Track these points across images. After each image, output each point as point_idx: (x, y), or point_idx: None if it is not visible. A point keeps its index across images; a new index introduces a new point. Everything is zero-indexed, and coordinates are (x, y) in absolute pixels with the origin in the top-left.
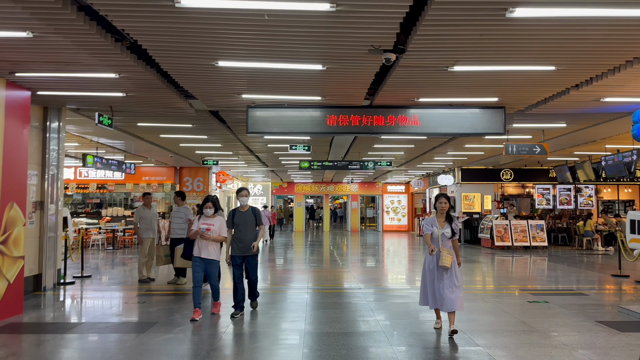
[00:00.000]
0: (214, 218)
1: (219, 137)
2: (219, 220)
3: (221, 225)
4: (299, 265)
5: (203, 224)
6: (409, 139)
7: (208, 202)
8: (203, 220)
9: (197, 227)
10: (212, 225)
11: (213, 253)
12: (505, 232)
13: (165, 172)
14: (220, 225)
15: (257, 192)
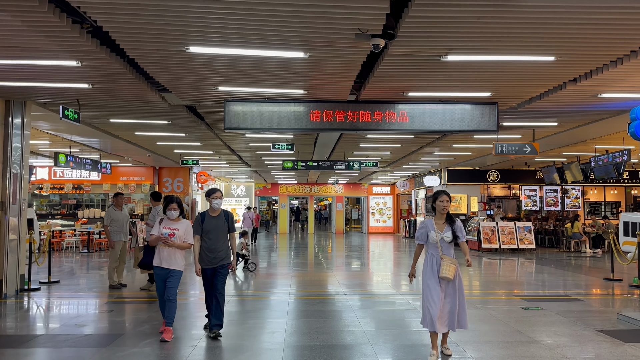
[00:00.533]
0: (179, 222)
1: (197, 135)
2: (185, 224)
3: (187, 230)
4: (282, 269)
5: (166, 228)
6: (396, 138)
7: (172, 202)
8: (166, 224)
9: (158, 232)
10: (176, 230)
11: (176, 263)
12: (492, 234)
13: (143, 172)
14: (186, 231)
15: (241, 194)
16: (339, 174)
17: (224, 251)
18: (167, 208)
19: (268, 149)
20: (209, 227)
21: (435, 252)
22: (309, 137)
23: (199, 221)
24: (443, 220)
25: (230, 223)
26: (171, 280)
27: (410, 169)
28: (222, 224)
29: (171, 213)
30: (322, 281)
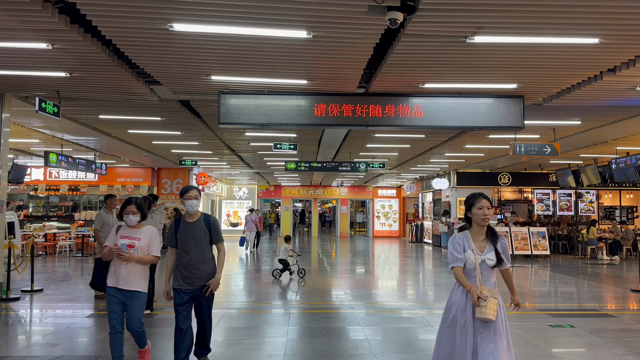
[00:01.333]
0: (141, 229)
1: (194, 133)
2: (148, 232)
3: (151, 239)
4: (284, 276)
5: (123, 237)
6: (405, 137)
7: (130, 204)
8: (124, 231)
9: (113, 243)
10: (136, 239)
11: (137, 282)
12: None
13: (142, 173)
14: (151, 240)
15: (243, 196)
16: (344, 176)
17: (205, 267)
18: (124, 211)
19: (270, 149)
20: (184, 236)
21: (470, 279)
22: (313, 136)
23: (172, 229)
24: (483, 236)
25: (213, 230)
26: (133, 306)
27: (418, 171)
28: (201, 232)
29: (129, 218)
30: (326, 291)
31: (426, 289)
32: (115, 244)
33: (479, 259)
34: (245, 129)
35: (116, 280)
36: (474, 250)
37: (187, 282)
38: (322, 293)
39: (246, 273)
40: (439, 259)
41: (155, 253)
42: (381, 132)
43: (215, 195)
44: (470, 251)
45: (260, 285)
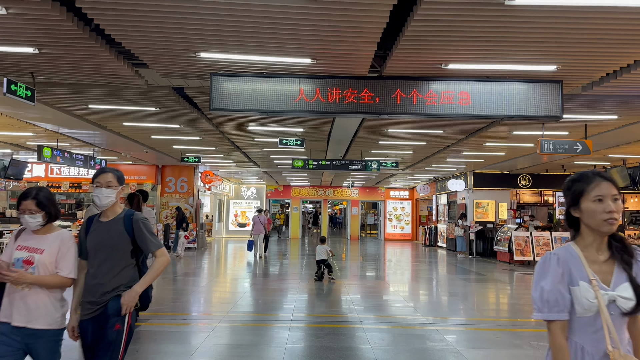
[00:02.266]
0: (47, 236)
1: (194, 127)
2: (57, 240)
3: (62, 251)
4: (289, 282)
5: (21, 248)
6: (421, 134)
7: (26, 199)
8: (24, 240)
9: (8, 257)
10: (37, 251)
11: (42, 314)
12: (526, 245)
13: (145, 170)
14: (60, 253)
15: (251, 196)
16: (355, 176)
17: (115, 287)
18: (19, 210)
19: (276, 145)
20: (94, 242)
21: (592, 338)
22: (321, 130)
23: (82, 232)
24: (605, 254)
25: (137, 235)
26: (39, 348)
27: (432, 171)
28: (117, 236)
29: (25, 220)
30: (334, 300)
31: (442, 300)
32: (11, 258)
33: (604, 298)
34: (242, 118)
35: (9, 312)
36: (593, 280)
37: (88, 309)
38: (328, 302)
39: (250, 279)
40: (454, 264)
41: (65, 272)
42: (395, 127)
43: (223, 194)
44: (586, 283)
45: (264, 293)
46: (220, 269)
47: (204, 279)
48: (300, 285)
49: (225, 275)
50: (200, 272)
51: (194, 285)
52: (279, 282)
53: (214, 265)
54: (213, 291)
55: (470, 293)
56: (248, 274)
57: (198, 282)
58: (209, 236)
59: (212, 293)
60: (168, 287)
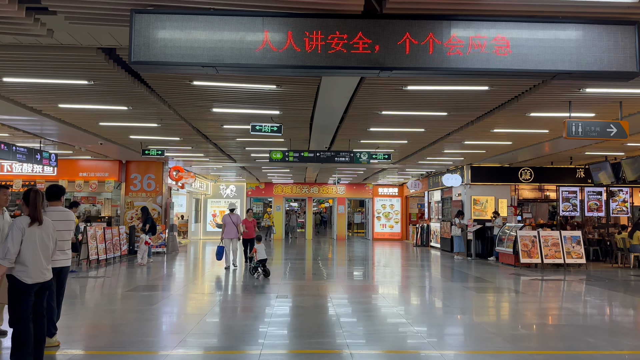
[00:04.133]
0: None
1: (146, 108)
2: None
3: None
4: (265, 295)
5: None
6: (420, 117)
7: None
8: None
9: None
10: None
11: None
12: (533, 246)
13: (107, 166)
14: None
15: (230, 194)
16: (342, 172)
17: None
18: None
19: (249, 133)
20: None
21: None
22: (301, 114)
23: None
24: None
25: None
26: None
27: (425, 165)
28: None
29: None
30: (315, 316)
31: (444, 316)
32: None
33: None
34: (201, 97)
35: None
36: None
37: None
38: (309, 320)
39: (218, 294)
40: (451, 267)
41: None
42: (390, 108)
43: (200, 193)
44: None
45: (229, 315)
46: (184, 281)
47: (159, 296)
48: (277, 302)
49: (188, 290)
50: (158, 286)
51: (143, 305)
52: (251, 299)
53: (177, 275)
54: (164, 313)
55: (479, 307)
56: (215, 288)
57: (150, 299)
58: (185, 238)
59: (163, 316)
60: (109, 308)
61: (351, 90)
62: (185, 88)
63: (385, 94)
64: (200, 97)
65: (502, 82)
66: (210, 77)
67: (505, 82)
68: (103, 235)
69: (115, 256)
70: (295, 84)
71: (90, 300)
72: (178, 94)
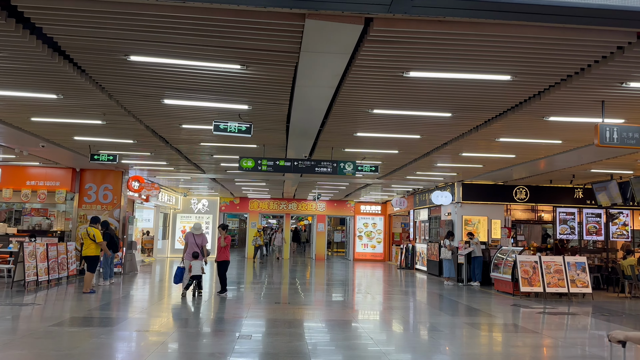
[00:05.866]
0: None
1: (78, 97)
2: None
3: None
4: (227, 331)
5: None
6: (417, 119)
7: None
8: None
9: None
10: None
11: None
12: (534, 273)
13: (59, 175)
14: None
15: (202, 209)
16: (322, 187)
17: None
18: None
19: (214, 136)
20: None
21: None
22: (276, 110)
23: None
24: None
25: None
26: None
27: (413, 181)
28: None
29: None
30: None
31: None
32: None
33: None
34: (146, 83)
35: None
36: None
37: None
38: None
39: (154, 335)
40: (442, 296)
41: None
42: (383, 106)
43: (169, 207)
44: None
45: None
46: (128, 311)
47: (87, 334)
48: (237, 346)
49: (128, 325)
50: (93, 319)
51: (59, 348)
52: (203, 342)
53: (121, 305)
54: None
55: (481, 352)
56: (163, 324)
57: (72, 340)
58: (150, 256)
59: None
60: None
61: (338, 75)
62: (121, 67)
63: (381, 83)
64: (145, 81)
65: (529, 71)
66: (151, 50)
67: (533, 70)
68: (45, 252)
69: (61, 277)
70: (265, 63)
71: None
72: (114, 75)
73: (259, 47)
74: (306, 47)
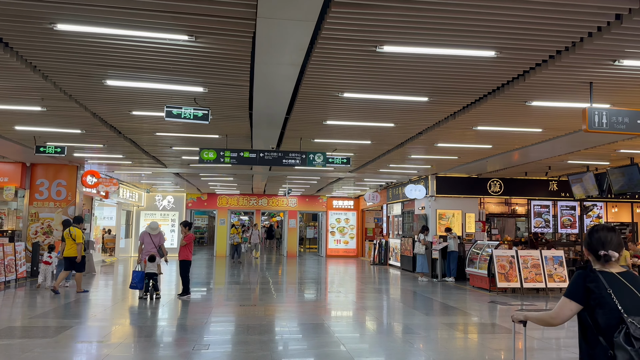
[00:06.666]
0: None
1: (7, 77)
2: None
3: None
4: (183, 340)
5: None
6: (392, 104)
7: None
8: None
9: None
10: None
11: None
12: (511, 268)
13: (7, 170)
14: None
15: (167, 206)
16: (292, 181)
17: None
18: None
19: (167, 124)
20: None
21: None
22: (235, 93)
23: None
24: None
25: None
26: None
27: (386, 175)
28: None
29: None
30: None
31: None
32: None
33: None
34: (76, 59)
35: None
36: None
37: None
38: None
39: (98, 347)
40: (416, 293)
41: None
42: (355, 89)
43: (131, 204)
44: None
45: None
46: (74, 317)
47: (18, 347)
48: (197, 358)
49: (71, 335)
50: (31, 329)
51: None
52: (161, 351)
53: (70, 310)
54: None
55: (460, 356)
56: (112, 332)
57: (4, 354)
58: (111, 256)
59: None
60: None
61: (302, 49)
62: (50, 39)
63: (351, 60)
64: (81, 58)
65: (515, 45)
66: (80, 17)
67: (520, 45)
68: None
69: (8, 280)
70: (216, 33)
71: None
72: (44, 50)
73: (208, 12)
74: (263, 12)
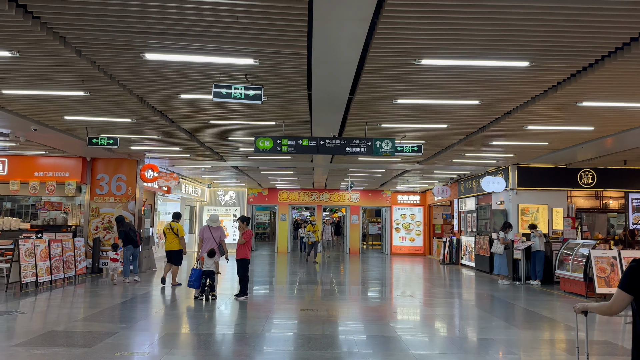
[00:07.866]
0: None
1: (40, 54)
2: None
3: None
4: (238, 348)
5: None
6: (482, 75)
7: None
8: None
9: None
10: None
11: None
12: (613, 272)
13: (69, 165)
14: None
15: (230, 201)
16: (355, 175)
17: None
18: None
19: (217, 107)
20: None
21: None
22: (291, 64)
23: None
24: None
25: None
26: None
27: (459, 165)
28: None
29: None
30: None
31: None
32: None
33: None
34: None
35: None
36: None
37: None
38: None
39: (145, 357)
40: (494, 297)
41: None
42: (435, 53)
43: (194, 199)
44: None
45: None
46: (127, 320)
47: (55, 356)
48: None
49: (117, 342)
50: (74, 335)
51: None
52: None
53: (126, 310)
54: None
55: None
56: (164, 341)
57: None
58: None
59: None
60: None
61: (372, 4)
62: (75, 1)
63: (436, 11)
64: (113, 24)
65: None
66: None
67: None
68: (47, 250)
69: (67, 276)
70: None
71: None
72: (70, 16)
73: None
74: None
